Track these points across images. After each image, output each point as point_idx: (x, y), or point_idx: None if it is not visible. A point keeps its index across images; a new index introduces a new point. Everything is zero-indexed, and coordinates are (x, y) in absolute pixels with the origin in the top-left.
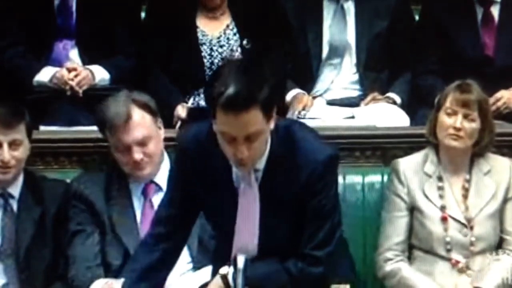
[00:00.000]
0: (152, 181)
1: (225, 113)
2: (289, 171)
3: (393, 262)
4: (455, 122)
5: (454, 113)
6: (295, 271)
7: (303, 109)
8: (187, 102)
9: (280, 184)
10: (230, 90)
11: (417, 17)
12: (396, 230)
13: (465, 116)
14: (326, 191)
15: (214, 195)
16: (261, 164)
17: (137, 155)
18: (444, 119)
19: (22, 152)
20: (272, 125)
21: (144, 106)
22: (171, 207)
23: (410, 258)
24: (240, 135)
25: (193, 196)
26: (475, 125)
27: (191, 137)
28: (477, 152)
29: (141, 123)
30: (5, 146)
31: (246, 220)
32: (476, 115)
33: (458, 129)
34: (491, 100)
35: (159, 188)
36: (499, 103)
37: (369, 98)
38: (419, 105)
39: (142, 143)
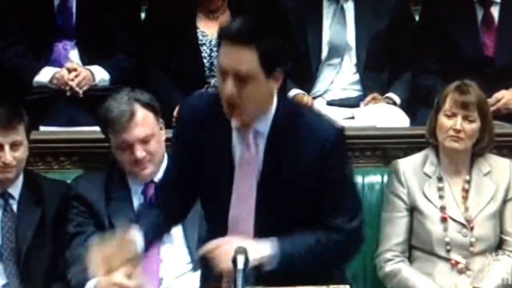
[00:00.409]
0: (152, 181)
1: (223, 43)
2: (296, 142)
3: (393, 262)
4: (455, 124)
5: (454, 115)
6: (330, 244)
7: None
8: None
9: (285, 155)
10: (236, 23)
11: (417, 18)
12: (396, 230)
13: (465, 118)
14: (341, 166)
15: (211, 165)
16: (264, 127)
17: (140, 153)
18: (444, 121)
19: (22, 152)
20: (274, 86)
21: (147, 105)
22: (171, 174)
23: (410, 259)
24: (231, 69)
25: (193, 164)
26: (475, 125)
27: (190, 104)
28: (477, 152)
29: (144, 122)
30: (7, 147)
31: (242, 192)
32: (476, 115)
33: (458, 131)
34: (492, 100)
35: None
36: (500, 103)
37: (368, 98)
38: (419, 105)
39: (145, 141)
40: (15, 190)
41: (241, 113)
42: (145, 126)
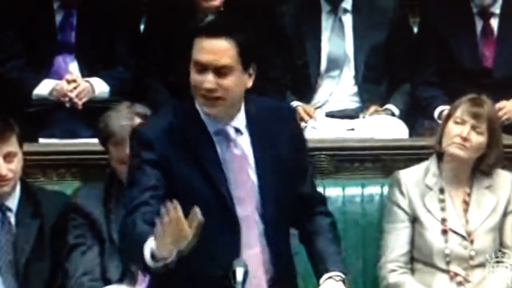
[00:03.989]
0: None
1: (201, 38)
2: (270, 124)
3: (397, 274)
4: (462, 131)
5: (463, 122)
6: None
7: (302, 119)
8: None
9: (269, 142)
10: (211, 17)
11: (415, 29)
12: (399, 241)
13: (473, 128)
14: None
15: (202, 172)
16: (240, 123)
17: None
18: (452, 127)
19: (17, 164)
20: (248, 82)
21: (146, 118)
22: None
23: (410, 270)
24: (211, 64)
25: (178, 177)
26: (482, 138)
27: (153, 126)
28: (483, 169)
29: None
30: (0, 159)
31: (244, 191)
32: (484, 128)
33: (465, 139)
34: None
35: None
36: (501, 113)
37: (372, 109)
38: (418, 116)
39: None
40: (12, 202)
41: (222, 103)
42: None
